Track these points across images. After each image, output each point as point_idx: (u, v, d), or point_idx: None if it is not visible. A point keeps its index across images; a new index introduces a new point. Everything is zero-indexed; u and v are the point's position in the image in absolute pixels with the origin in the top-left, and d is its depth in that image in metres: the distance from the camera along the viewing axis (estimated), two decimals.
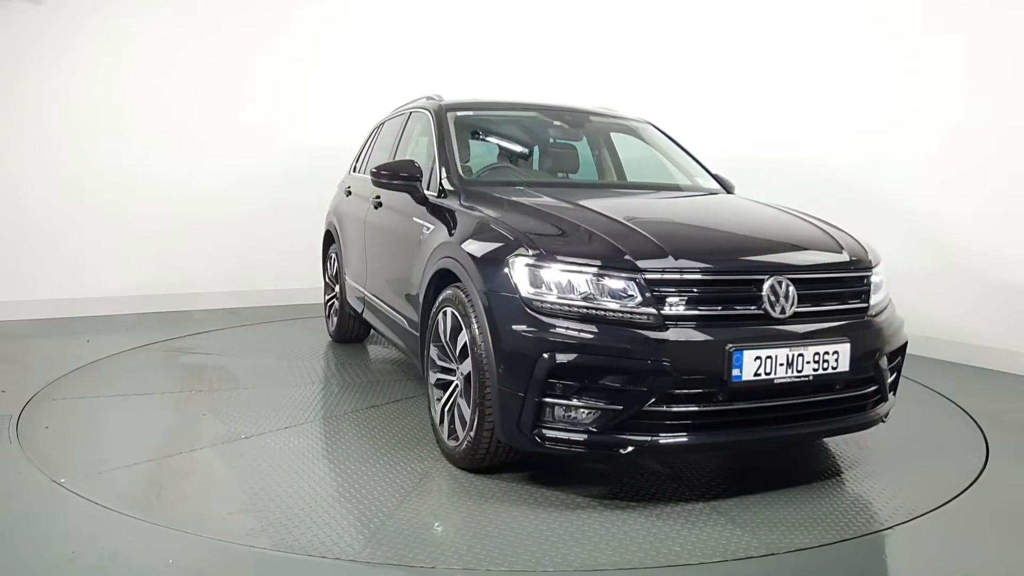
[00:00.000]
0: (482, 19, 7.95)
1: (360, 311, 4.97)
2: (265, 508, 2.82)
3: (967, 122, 5.26)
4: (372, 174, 3.89)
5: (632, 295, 2.76)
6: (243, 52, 6.79)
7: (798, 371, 2.81)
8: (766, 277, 2.87)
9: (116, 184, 6.33)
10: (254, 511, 2.80)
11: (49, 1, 5.98)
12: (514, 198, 3.48)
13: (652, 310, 2.74)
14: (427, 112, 4.36)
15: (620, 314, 2.75)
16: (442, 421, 3.30)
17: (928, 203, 5.50)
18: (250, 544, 2.55)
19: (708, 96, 6.82)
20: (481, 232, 3.20)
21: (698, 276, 2.81)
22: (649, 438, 2.74)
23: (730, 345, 2.72)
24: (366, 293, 4.76)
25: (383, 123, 5.38)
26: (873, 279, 3.17)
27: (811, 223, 3.42)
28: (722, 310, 2.82)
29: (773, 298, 2.85)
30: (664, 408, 2.72)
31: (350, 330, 5.41)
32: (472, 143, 4.30)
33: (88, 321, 6.00)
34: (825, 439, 3.61)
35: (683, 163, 4.46)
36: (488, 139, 4.46)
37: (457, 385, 3.17)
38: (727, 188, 4.29)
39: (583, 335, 2.73)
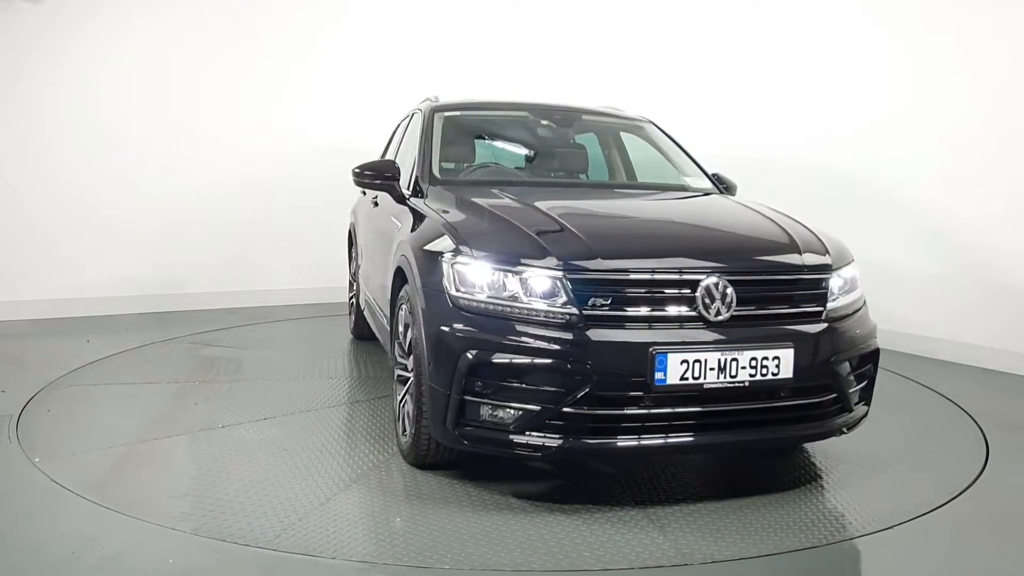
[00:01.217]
0: (482, 19, 7.95)
1: (363, 308, 5.04)
2: (203, 494, 2.92)
3: (968, 121, 5.26)
4: (353, 173, 3.90)
5: (557, 295, 2.72)
6: (244, 52, 6.79)
7: (732, 376, 2.71)
8: (702, 278, 2.77)
9: (116, 184, 6.33)
10: (192, 496, 2.90)
11: (49, 1, 5.98)
12: (473, 198, 3.43)
13: (575, 310, 2.70)
14: (421, 113, 4.42)
15: (544, 314, 2.72)
16: (399, 417, 3.34)
17: (928, 202, 5.50)
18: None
19: (708, 95, 6.81)
20: (428, 230, 3.23)
21: (624, 277, 2.75)
22: (569, 440, 2.69)
23: (654, 347, 2.65)
24: (365, 290, 4.82)
25: (398, 125, 5.43)
26: (833, 282, 3.02)
27: (777, 225, 3.26)
28: (652, 311, 2.74)
29: (708, 300, 2.75)
30: (586, 410, 2.68)
31: (365, 327, 5.46)
32: (465, 143, 4.37)
33: (88, 321, 6.00)
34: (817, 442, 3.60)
35: (679, 162, 4.41)
36: (474, 139, 4.49)
37: (411, 381, 3.20)
38: (727, 188, 4.21)
39: (504, 334, 2.72)
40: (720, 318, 2.76)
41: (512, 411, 2.71)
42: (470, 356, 2.71)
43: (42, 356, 4.91)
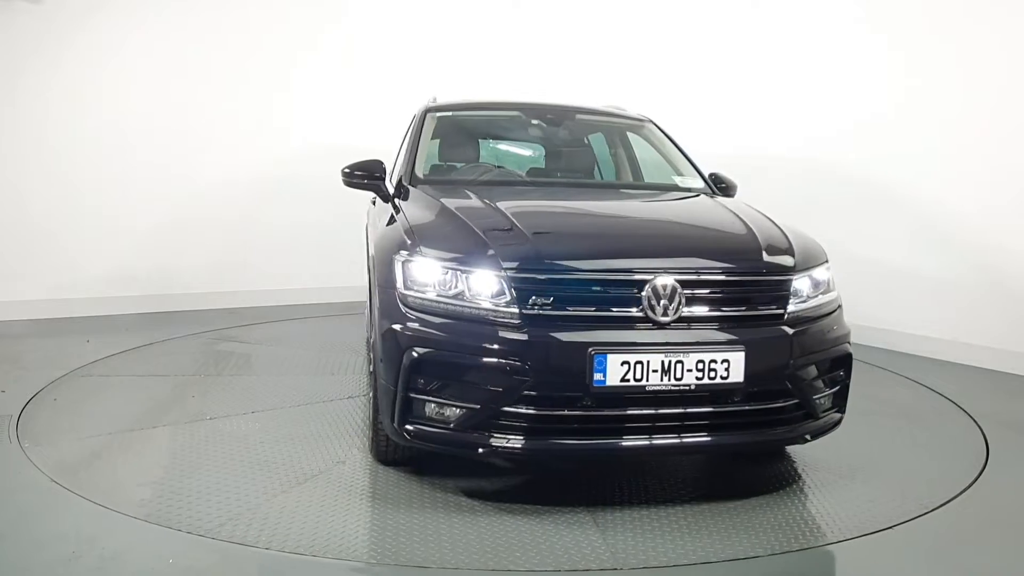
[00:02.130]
0: (482, 19, 7.95)
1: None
2: (167, 482, 3.03)
3: (968, 120, 5.26)
4: (343, 173, 3.89)
5: (500, 294, 2.72)
6: (244, 51, 6.78)
7: (677, 379, 2.65)
8: (649, 279, 2.71)
9: (116, 183, 6.32)
10: (156, 484, 3.01)
11: (49, 1, 5.97)
12: (444, 198, 3.41)
13: (516, 310, 2.68)
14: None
15: (487, 313, 2.71)
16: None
17: (928, 202, 5.51)
18: (245, 542, 2.56)
19: (709, 95, 6.81)
20: (390, 229, 3.26)
21: (566, 277, 2.73)
22: (509, 440, 2.68)
23: (593, 348, 2.61)
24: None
25: (409, 125, 5.47)
26: (799, 284, 2.94)
27: (747, 226, 3.17)
28: (595, 312, 2.71)
29: (655, 301, 2.70)
30: (526, 410, 2.67)
31: None
32: (456, 143, 4.41)
33: (88, 321, 6.00)
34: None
35: (674, 162, 4.37)
36: (465, 139, 4.52)
37: None
38: (727, 188, 4.15)
39: (445, 332, 2.73)
40: (668, 319, 2.71)
41: (455, 409, 2.71)
42: (414, 354, 2.72)
43: (42, 356, 4.90)
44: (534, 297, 2.69)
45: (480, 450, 2.71)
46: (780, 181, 6.27)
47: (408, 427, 2.79)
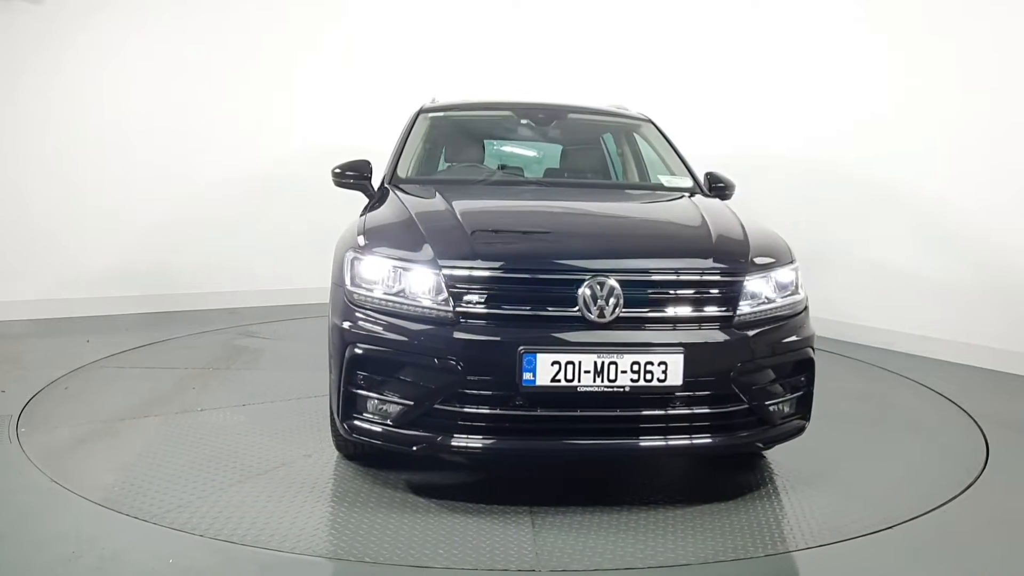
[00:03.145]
0: (482, 19, 7.95)
1: None
2: (133, 469, 3.14)
3: (968, 119, 5.27)
4: (333, 174, 3.92)
5: (436, 292, 2.74)
6: (245, 51, 6.78)
7: (610, 380, 2.61)
8: (586, 279, 2.69)
9: (117, 183, 6.32)
10: (122, 471, 3.12)
11: (49, 1, 5.97)
12: (409, 198, 3.43)
13: (450, 308, 2.71)
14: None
15: (423, 310, 2.74)
16: None
17: (929, 201, 5.51)
18: (247, 543, 2.56)
19: (709, 95, 6.81)
20: (348, 228, 3.31)
21: (500, 275, 2.73)
22: (441, 437, 2.70)
23: (522, 347, 2.60)
24: None
25: None
26: (750, 286, 2.85)
27: (707, 227, 3.10)
28: (531, 311, 2.70)
29: (591, 301, 2.67)
30: (458, 408, 2.68)
31: None
32: (446, 143, 4.46)
33: (88, 321, 6.00)
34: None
35: (668, 162, 4.31)
36: (455, 140, 4.55)
37: None
38: (725, 187, 4.06)
39: (384, 329, 2.77)
40: (604, 319, 2.68)
41: (392, 405, 2.75)
42: (356, 350, 2.77)
43: (42, 356, 4.90)
44: (468, 295, 2.71)
45: (414, 447, 2.74)
46: (780, 181, 6.28)
47: (350, 422, 2.83)
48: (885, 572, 2.57)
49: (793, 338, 2.92)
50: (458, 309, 2.70)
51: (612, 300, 2.68)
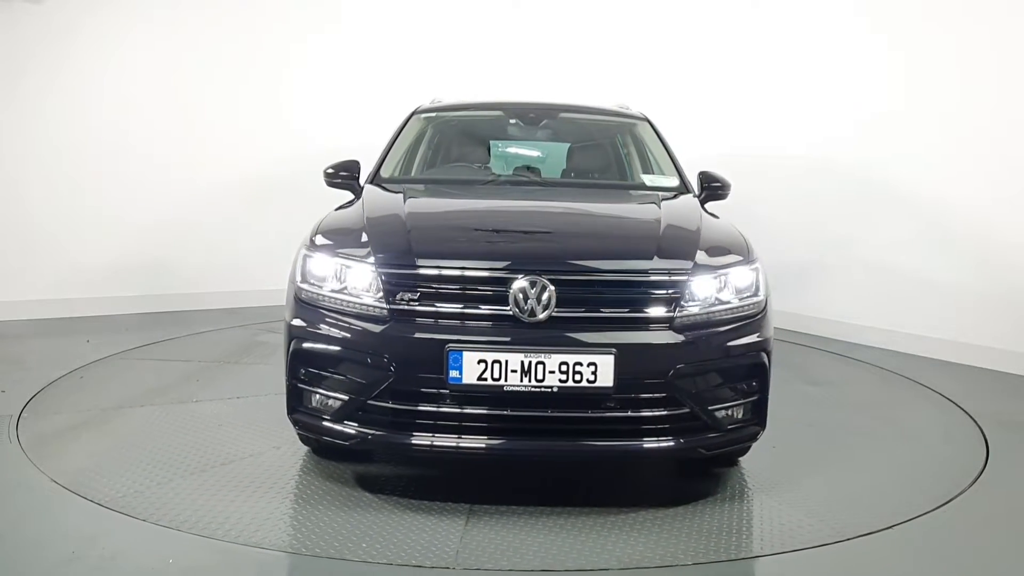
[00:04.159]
0: (482, 19, 7.94)
1: None
2: (106, 455, 3.25)
3: (968, 119, 5.27)
4: (325, 174, 3.97)
5: (373, 289, 2.79)
6: (246, 51, 6.78)
7: (538, 380, 2.59)
8: (517, 278, 2.68)
9: (117, 183, 6.31)
10: (95, 456, 3.24)
11: (49, 2, 5.97)
12: (375, 197, 3.50)
13: (385, 305, 2.75)
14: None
15: (361, 307, 2.79)
16: None
17: (929, 201, 5.51)
18: (252, 544, 2.56)
19: (708, 95, 6.81)
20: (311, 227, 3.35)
21: (433, 273, 2.76)
22: (373, 433, 2.75)
23: (449, 345, 2.62)
24: None
25: None
26: (695, 287, 2.78)
27: (657, 227, 3.04)
28: (463, 308, 2.72)
29: (523, 301, 2.66)
30: (389, 404, 2.72)
31: None
32: (436, 143, 4.50)
33: (88, 321, 5.99)
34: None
35: (658, 161, 4.27)
36: (446, 140, 4.58)
37: None
38: (720, 186, 3.89)
39: (324, 325, 2.82)
40: (536, 319, 2.67)
41: (331, 400, 2.81)
42: (298, 345, 2.85)
43: (42, 356, 4.90)
44: (401, 293, 2.75)
45: (349, 442, 2.80)
46: (781, 180, 6.28)
47: (295, 416, 2.91)
48: (885, 572, 2.57)
49: (744, 341, 2.83)
50: (393, 307, 2.74)
51: (544, 300, 2.67)
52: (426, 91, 5.18)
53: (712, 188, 3.86)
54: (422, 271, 2.76)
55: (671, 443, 2.73)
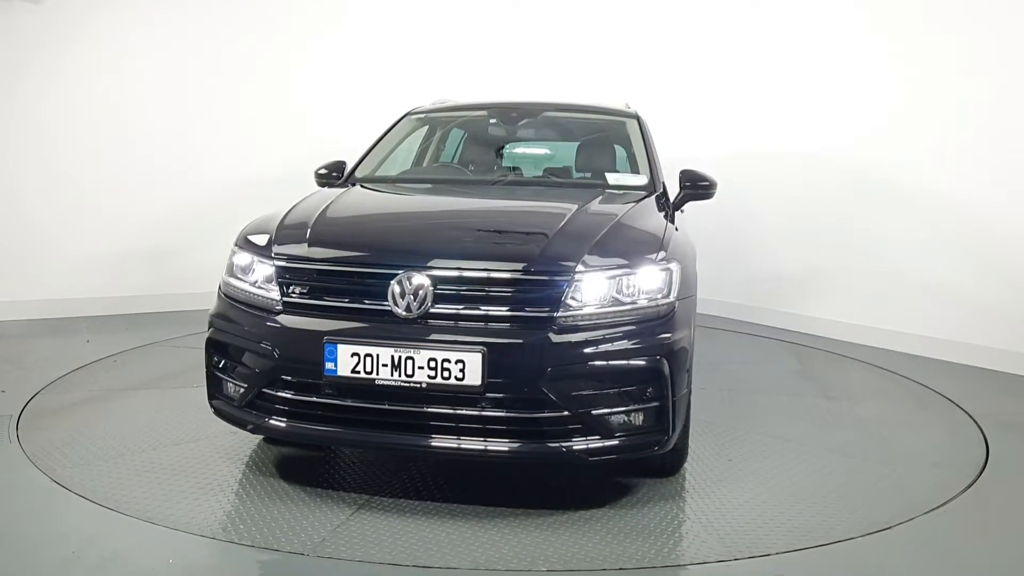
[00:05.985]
0: (482, 19, 7.95)
1: None
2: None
3: (968, 119, 5.27)
4: (316, 175, 4.11)
5: (272, 282, 2.91)
6: (246, 51, 6.77)
7: (408, 375, 2.61)
8: (397, 273, 2.71)
9: (117, 183, 6.31)
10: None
11: (50, 2, 5.97)
12: (322, 194, 3.59)
13: (278, 296, 2.86)
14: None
15: (261, 299, 2.91)
16: None
17: (929, 201, 5.51)
18: (244, 542, 2.56)
19: (708, 95, 6.81)
20: None
21: (319, 267, 2.86)
22: (261, 420, 2.85)
23: (326, 337, 2.69)
24: None
25: None
26: (585, 287, 2.70)
27: (563, 225, 2.98)
28: (348, 302, 2.78)
29: (398, 296, 2.69)
30: (276, 392, 2.82)
31: None
32: (426, 143, 4.61)
33: (88, 321, 6.00)
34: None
35: (635, 159, 4.20)
36: (437, 140, 4.67)
37: None
38: (707, 186, 3.73)
39: (230, 316, 2.98)
40: (411, 315, 2.68)
41: (236, 388, 2.94)
42: (211, 336, 3.02)
43: (42, 356, 4.90)
44: (294, 286, 2.86)
45: (248, 427, 2.91)
46: (781, 180, 6.28)
47: (212, 402, 3.04)
48: (885, 572, 2.57)
49: (638, 344, 2.71)
50: (285, 299, 2.85)
51: (419, 296, 2.69)
52: (427, 92, 5.18)
53: (695, 187, 3.76)
54: (311, 265, 2.86)
55: (548, 447, 2.66)
